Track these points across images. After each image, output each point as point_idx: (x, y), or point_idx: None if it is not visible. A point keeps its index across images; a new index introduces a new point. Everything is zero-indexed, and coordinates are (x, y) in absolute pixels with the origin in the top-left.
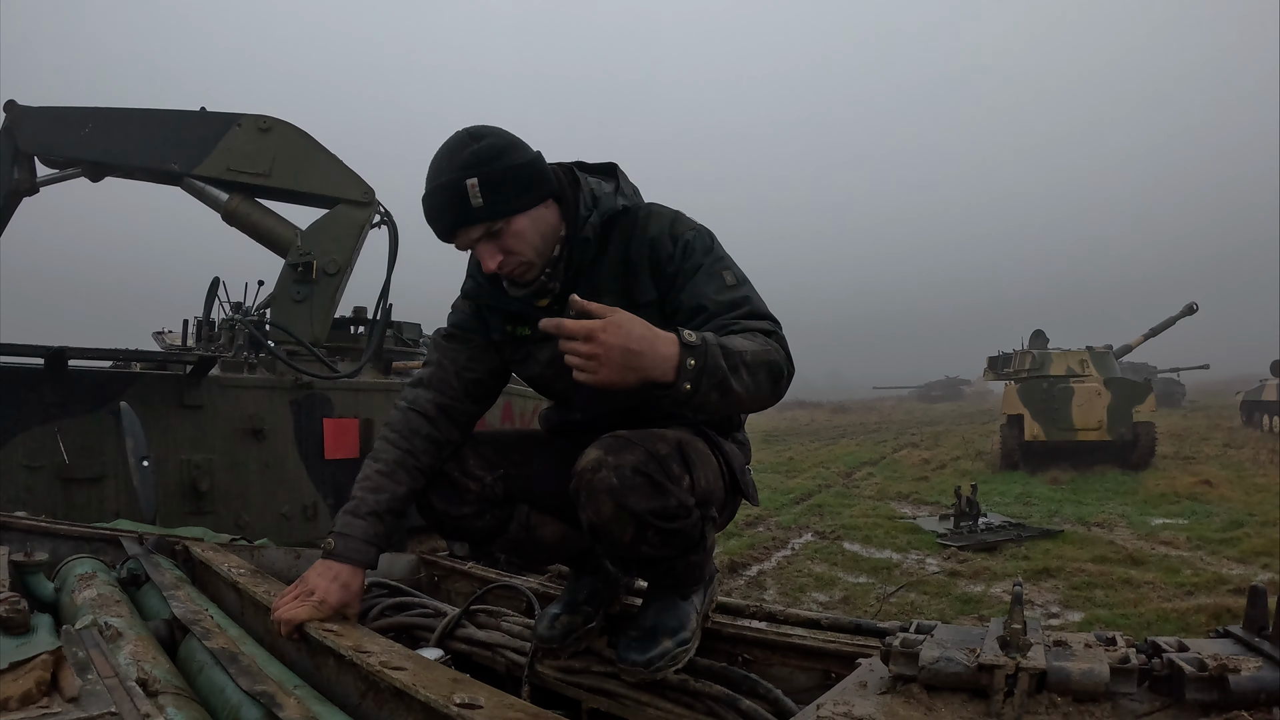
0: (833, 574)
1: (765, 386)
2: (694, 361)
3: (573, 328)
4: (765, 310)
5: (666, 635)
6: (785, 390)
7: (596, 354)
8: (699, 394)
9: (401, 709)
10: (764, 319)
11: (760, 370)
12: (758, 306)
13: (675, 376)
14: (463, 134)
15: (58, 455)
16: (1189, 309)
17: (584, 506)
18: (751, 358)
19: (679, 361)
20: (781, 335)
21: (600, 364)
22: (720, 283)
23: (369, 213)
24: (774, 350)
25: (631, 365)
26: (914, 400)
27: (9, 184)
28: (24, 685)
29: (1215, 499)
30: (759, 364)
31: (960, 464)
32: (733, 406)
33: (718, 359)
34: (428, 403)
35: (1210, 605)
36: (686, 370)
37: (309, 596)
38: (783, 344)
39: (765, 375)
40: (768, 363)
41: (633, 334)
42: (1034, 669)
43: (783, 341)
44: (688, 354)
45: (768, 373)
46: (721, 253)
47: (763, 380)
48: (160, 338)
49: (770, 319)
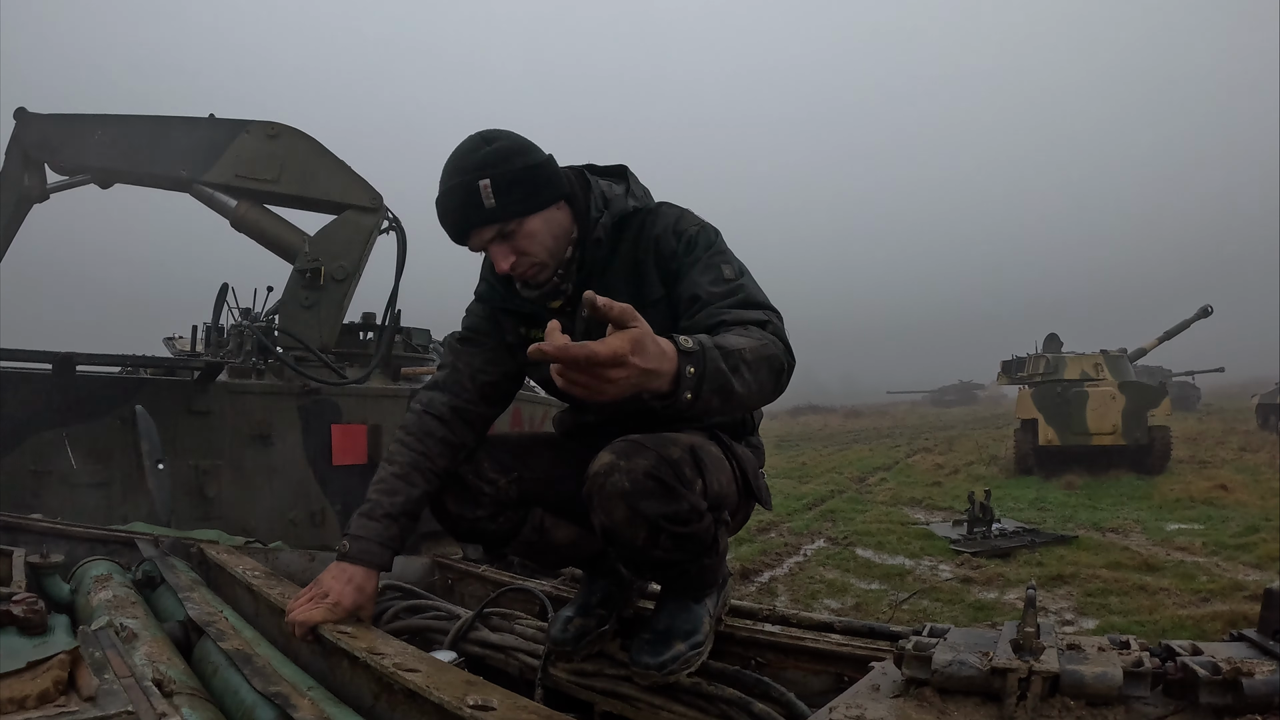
0: (845, 580)
1: (767, 383)
2: (693, 369)
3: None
4: (761, 299)
5: (680, 638)
6: (787, 384)
7: (619, 379)
8: (699, 401)
9: (415, 711)
10: (759, 308)
11: (760, 367)
12: (753, 295)
13: (674, 386)
14: (476, 137)
15: (65, 460)
16: (1204, 311)
17: (597, 510)
18: (751, 354)
19: (678, 370)
20: (778, 325)
21: (618, 388)
22: (717, 274)
23: (377, 218)
24: (771, 343)
25: (642, 385)
26: (927, 405)
27: (19, 191)
28: (42, 684)
29: (1231, 504)
30: (759, 360)
31: (974, 469)
32: (733, 409)
33: (717, 362)
34: (442, 405)
35: (1226, 612)
36: (686, 378)
37: (323, 599)
38: (780, 335)
39: (766, 371)
40: (767, 358)
41: (650, 352)
42: (1047, 672)
43: (779, 332)
44: (686, 361)
45: (768, 368)
46: (723, 247)
47: (764, 377)
48: (171, 343)
49: (766, 308)
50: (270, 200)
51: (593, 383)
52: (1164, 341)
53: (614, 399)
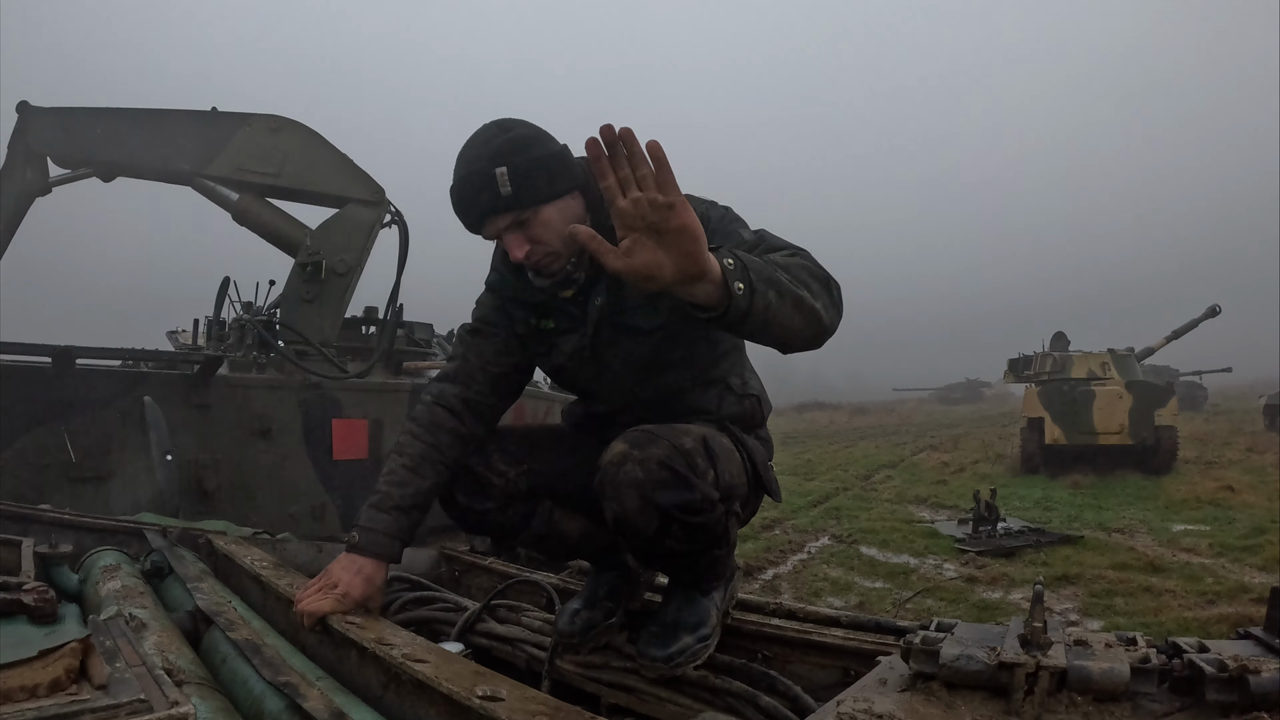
0: (849, 579)
1: (818, 290)
2: (731, 261)
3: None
4: (783, 242)
5: (687, 631)
6: (840, 300)
7: (673, 205)
8: (756, 295)
9: (424, 701)
10: (784, 248)
11: (801, 273)
12: (774, 242)
13: (723, 281)
14: (492, 125)
15: (65, 454)
16: (1212, 311)
17: (609, 499)
18: (784, 261)
19: (720, 266)
20: (809, 255)
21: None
22: (739, 239)
23: (379, 212)
24: (806, 258)
25: (689, 250)
26: (934, 402)
27: (21, 184)
28: (53, 672)
29: (1238, 505)
30: (797, 268)
31: (980, 467)
32: (797, 309)
33: (750, 257)
34: (453, 397)
35: (1232, 614)
36: (729, 270)
37: (332, 589)
38: (813, 261)
39: (808, 276)
40: (805, 266)
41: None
42: (1054, 667)
43: (812, 260)
44: (719, 255)
45: (809, 274)
46: (735, 216)
47: (812, 284)
48: (174, 337)
49: (792, 247)
50: (272, 194)
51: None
52: (1171, 341)
53: (659, 275)
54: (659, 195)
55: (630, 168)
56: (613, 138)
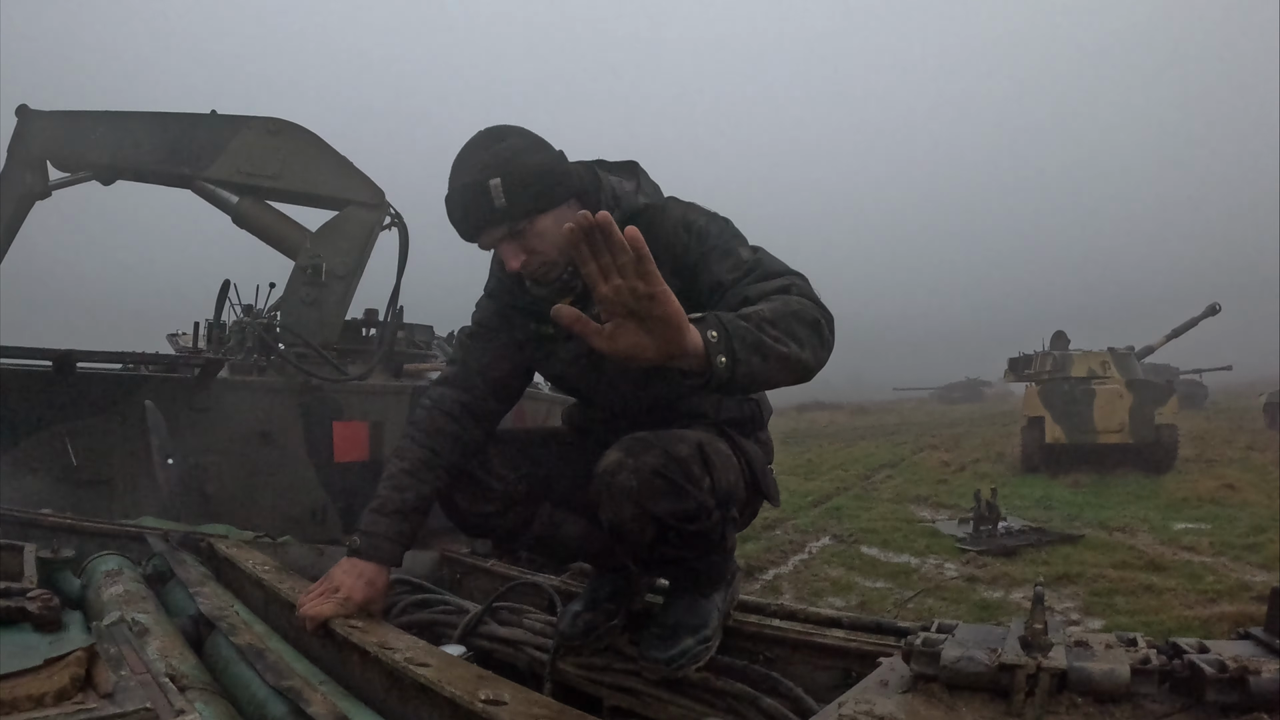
0: (850, 579)
1: (805, 336)
2: (714, 333)
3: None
4: (780, 267)
5: (688, 633)
6: (831, 336)
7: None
8: (739, 364)
9: (426, 705)
10: (778, 276)
11: (788, 322)
12: (771, 266)
13: (705, 355)
14: (485, 134)
15: (66, 457)
16: (1212, 309)
17: (604, 508)
18: (770, 313)
19: (701, 337)
20: (802, 285)
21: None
22: (735, 259)
23: (379, 215)
24: (793, 301)
25: (670, 336)
26: (934, 402)
27: (21, 188)
28: (59, 681)
29: (1238, 503)
30: (782, 317)
31: (980, 466)
32: (784, 370)
33: (735, 321)
34: (452, 402)
35: (1233, 613)
36: (711, 343)
37: (334, 593)
38: (806, 293)
39: (797, 324)
40: (792, 313)
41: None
42: (1055, 669)
43: (805, 292)
44: (702, 326)
45: (797, 321)
46: (734, 231)
47: (799, 331)
48: (175, 340)
49: (787, 274)
50: (272, 196)
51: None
52: (1171, 339)
53: (641, 355)
54: (640, 284)
55: (610, 254)
56: (590, 225)
